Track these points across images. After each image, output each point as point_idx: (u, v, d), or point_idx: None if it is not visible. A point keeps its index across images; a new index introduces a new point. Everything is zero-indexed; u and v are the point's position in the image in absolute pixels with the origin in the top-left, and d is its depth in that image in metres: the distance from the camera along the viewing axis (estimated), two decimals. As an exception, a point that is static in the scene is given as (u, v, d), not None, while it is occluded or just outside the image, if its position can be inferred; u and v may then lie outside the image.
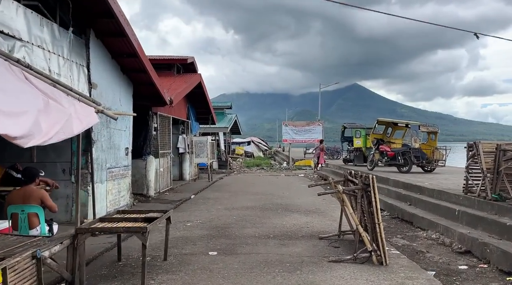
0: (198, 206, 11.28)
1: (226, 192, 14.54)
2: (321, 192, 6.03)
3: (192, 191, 14.69)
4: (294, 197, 13.24)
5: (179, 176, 18.20)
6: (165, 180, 14.31)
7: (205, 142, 18.42)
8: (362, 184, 5.84)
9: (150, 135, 12.76)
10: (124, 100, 9.93)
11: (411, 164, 13.94)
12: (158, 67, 15.76)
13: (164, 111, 14.14)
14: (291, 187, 16.29)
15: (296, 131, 27.93)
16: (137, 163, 12.62)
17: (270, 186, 16.64)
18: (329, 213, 10.19)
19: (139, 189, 12.62)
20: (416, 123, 14.21)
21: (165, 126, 14.42)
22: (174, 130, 17.99)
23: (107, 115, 5.54)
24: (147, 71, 9.78)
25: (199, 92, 17.93)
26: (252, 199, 12.71)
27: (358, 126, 19.62)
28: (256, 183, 18.04)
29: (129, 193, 10.48)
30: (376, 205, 5.66)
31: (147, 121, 12.69)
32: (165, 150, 14.30)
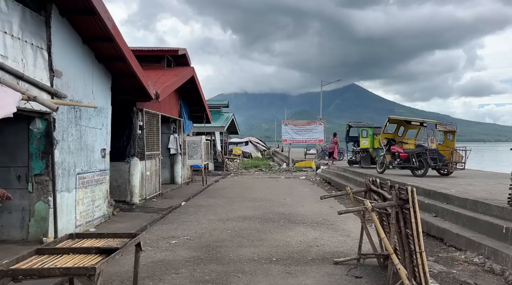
0: (187, 216, 9.79)
1: (221, 198, 13.05)
2: (342, 211, 4.55)
3: (183, 196, 13.20)
4: (297, 204, 11.77)
5: (171, 180, 16.71)
6: (152, 185, 12.82)
7: (198, 142, 16.93)
8: (397, 199, 4.37)
9: (135, 134, 11.27)
10: (99, 92, 8.43)
11: (427, 167, 12.49)
12: (146, 59, 14.29)
13: (152, 108, 12.65)
14: (293, 192, 14.82)
15: (296, 130, 26.46)
16: (120, 166, 11.13)
17: (269, 191, 15.16)
18: (339, 225, 8.72)
19: (121, 195, 11.13)
20: (433, 121, 12.76)
21: (153, 124, 12.93)
22: (165, 129, 16.52)
23: (42, 104, 4.04)
24: (126, 59, 8.29)
25: (192, 88, 16.45)
26: (250, 207, 11.23)
27: (365, 125, 18.16)
28: (254, 187, 16.56)
29: (106, 201, 8.99)
30: (417, 228, 4.19)
31: (131, 119, 11.20)
32: (153, 151, 12.80)
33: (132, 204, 11.05)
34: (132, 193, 11.12)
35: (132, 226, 8.38)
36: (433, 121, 12.82)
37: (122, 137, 11.17)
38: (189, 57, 15.58)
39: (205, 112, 18.45)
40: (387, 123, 13.85)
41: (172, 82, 12.31)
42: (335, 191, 15.39)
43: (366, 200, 4.37)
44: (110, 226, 8.37)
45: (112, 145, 10.91)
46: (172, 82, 12.33)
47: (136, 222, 8.85)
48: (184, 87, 16.26)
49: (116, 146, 11.11)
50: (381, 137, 14.03)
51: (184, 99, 17.21)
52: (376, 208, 4.44)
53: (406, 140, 14.12)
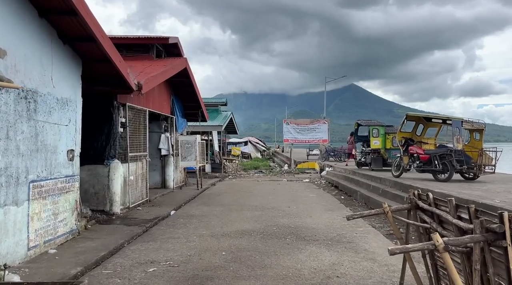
0: (175, 231, 8.18)
1: (216, 206, 11.45)
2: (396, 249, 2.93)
3: (174, 204, 11.60)
4: (304, 213, 10.17)
5: (162, 183, 15.10)
6: (138, 191, 11.21)
7: (193, 142, 15.33)
8: (484, 231, 2.76)
9: (115, 133, 9.67)
10: (62, 80, 6.82)
11: (452, 170, 10.91)
12: (132, 48, 12.73)
13: (137, 103, 11.05)
14: (298, 198, 13.21)
15: (298, 130, 24.88)
16: (97, 169, 9.54)
17: (271, 196, 13.56)
18: (359, 243, 7.13)
19: (99, 204, 9.53)
20: (459, 118, 11.16)
21: (139, 122, 11.33)
22: (155, 128, 14.92)
23: None
24: (96, 39, 6.69)
25: (186, 82, 14.85)
26: (250, 217, 9.63)
27: (376, 123, 16.54)
28: (254, 192, 14.96)
29: (75, 214, 7.38)
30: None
31: (111, 114, 9.60)
32: (139, 151, 11.20)
33: (111, 214, 9.45)
34: (112, 201, 9.52)
35: (104, 245, 6.78)
36: (459, 118, 11.23)
37: (100, 136, 9.58)
38: (181, 47, 13.98)
39: (201, 109, 16.84)
40: (405, 120, 12.25)
41: (160, 73, 10.71)
42: (344, 196, 13.81)
43: (436, 234, 2.76)
44: (77, 245, 6.76)
45: (87, 146, 9.33)
46: (160, 72, 10.73)
47: (111, 239, 7.24)
48: (177, 81, 14.68)
49: (93, 146, 9.53)
50: (397, 136, 12.44)
51: (177, 94, 15.61)
52: (452, 245, 2.82)
53: (426, 140, 12.53)
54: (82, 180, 9.45)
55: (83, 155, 9.35)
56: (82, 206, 9.33)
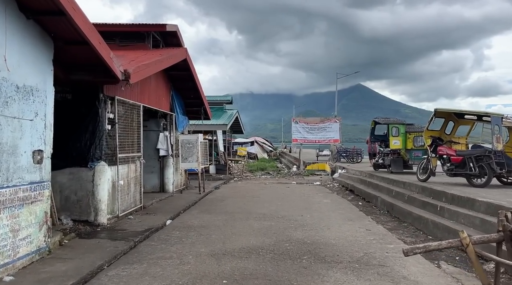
0: (167, 247, 6.82)
1: (219, 214, 10.08)
2: None
3: (171, 211, 10.26)
4: (320, 224, 8.77)
5: (160, 187, 13.78)
6: (130, 197, 9.87)
7: (194, 142, 13.99)
8: None
9: (101, 131, 8.33)
10: (26, 64, 5.49)
11: (491, 174, 9.44)
12: (126, 37, 11.42)
13: (130, 96, 9.73)
14: (311, 204, 11.80)
15: (308, 129, 23.46)
16: (80, 173, 8.22)
17: (281, 202, 12.17)
18: (394, 267, 5.70)
19: (82, 213, 8.20)
20: (499, 114, 9.67)
21: (132, 118, 10.00)
22: (153, 126, 13.63)
23: None
24: (65, 11, 5.34)
25: (186, 76, 13.52)
26: (257, 229, 8.24)
27: (396, 121, 15.07)
28: (262, 197, 13.57)
29: (44, 229, 6.04)
30: None
31: (96, 109, 8.26)
32: (131, 152, 9.87)
33: (96, 225, 8.12)
34: (97, 210, 8.19)
35: (78, 268, 5.44)
36: (499, 114, 9.74)
37: (83, 134, 8.25)
38: (181, 37, 12.63)
39: (203, 106, 15.49)
40: (433, 117, 10.77)
41: (153, 61, 9.36)
42: (362, 202, 12.38)
43: None
44: (43, 269, 5.42)
45: (69, 146, 8.04)
46: (153, 61, 9.38)
47: (88, 260, 5.89)
48: (176, 74, 13.37)
49: (76, 146, 8.22)
50: (424, 135, 10.99)
51: (177, 90, 14.28)
52: None
53: (456, 139, 11.05)
54: (63, 185, 8.16)
55: (63, 156, 8.05)
56: (63, 216, 8.04)
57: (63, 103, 8.22)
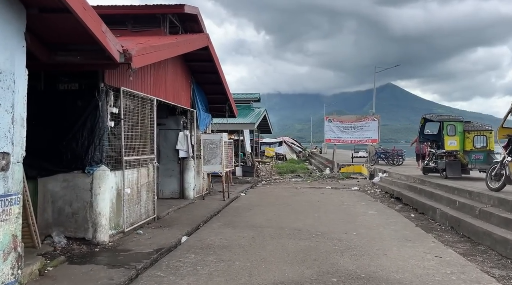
0: (177, 282, 5.18)
1: (245, 228, 8.41)
2: None
3: (189, 224, 8.70)
4: (372, 246, 6.94)
5: (180, 193, 12.27)
6: (141, 207, 8.35)
7: (218, 142, 12.40)
8: None
9: (102, 128, 6.83)
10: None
11: None
12: (139, 21, 9.94)
13: (140, 88, 8.22)
14: (354, 216, 9.97)
15: (343, 128, 21.50)
16: (76, 180, 6.74)
17: (317, 213, 10.38)
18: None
19: (78, 229, 6.71)
20: None
21: (144, 114, 8.49)
22: (172, 124, 12.17)
23: None
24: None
25: (209, 67, 11.95)
26: (293, 253, 6.50)
27: (452, 118, 12.96)
28: (294, 205, 11.82)
29: (11, 258, 4.53)
30: None
31: (96, 102, 6.76)
32: (142, 154, 8.35)
33: (95, 244, 6.61)
34: (96, 226, 6.68)
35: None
36: None
37: (79, 132, 6.76)
38: (202, 22, 11.05)
39: (228, 102, 13.89)
40: (511, 111, 8.69)
41: (166, 44, 7.79)
42: (414, 213, 10.45)
43: None
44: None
45: (62, 145, 6.58)
46: (166, 43, 7.82)
47: (67, 301, 4.35)
48: (198, 66, 11.86)
49: (70, 146, 6.74)
50: (498, 134, 8.94)
51: (199, 84, 12.75)
52: None
53: (539, 139, 8.92)
54: (55, 195, 6.70)
55: (56, 159, 6.62)
56: (55, 232, 6.59)
57: (54, 94, 6.79)
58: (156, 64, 9.23)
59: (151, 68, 8.96)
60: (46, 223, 6.70)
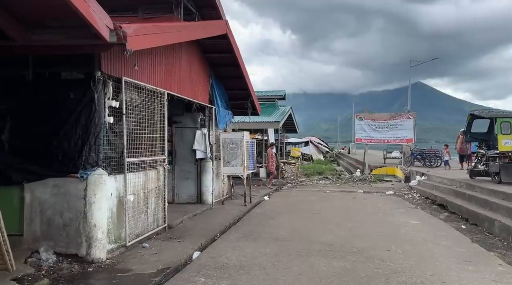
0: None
1: (267, 242, 7.22)
2: None
3: (204, 234, 7.60)
4: (423, 269, 5.61)
5: (197, 197, 11.22)
6: (149, 216, 7.30)
7: (239, 141, 11.27)
8: None
9: (99, 125, 5.80)
10: None
11: None
12: (151, 6, 8.94)
13: (148, 80, 7.19)
14: (394, 227, 8.60)
15: (375, 126, 19.97)
16: (67, 186, 5.73)
17: (351, 222, 9.08)
18: None
19: (70, 244, 5.70)
20: None
21: (152, 110, 7.46)
22: (189, 122, 11.18)
23: None
24: None
25: (229, 59, 10.84)
26: (326, 278, 5.25)
27: (506, 114, 11.35)
28: (323, 212, 10.54)
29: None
30: None
31: (92, 94, 5.73)
32: (151, 155, 7.31)
33: (89, 262, 5.58)
34: (90, 240, 5.64)
35: None
36: None
37: (72, 130, 5.76)
38: (221, 7, 9.93)
39: (250, 98, 12.73)
40: None
41: (172, 26, 6.71)
42: (465, 224, 9.01)
43: None
44: None
45: (53, 146, 5.60)
46: (173, 25, 6.73)
47: None
48: (217, 58, 10.81)
49: (62, 147, 5.77)
50: None
51: (219, 78, 11.66)
52: None
53: None
54: (44, 203, 5.73)
55: (45, 161, 5.64)
56: (43, 247, 5.62)
57: (44, 84, 5.81)
58: (167, 53, 8.20)
59: (161, 57, 7.92)
60: (33, 236, 5.73)
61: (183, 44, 9.02)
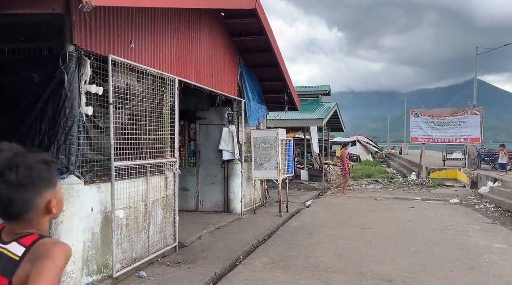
0: None
1: (301, 274, 5.45)
2: None
3: (222, 257, 5.98)
4: None
5: (224, 205, 9.65)
6: (149, 235, 5.78)
7: (272, 141, 9.58)
8: None
9: (71, 118, 4.31)
10: None
11: None
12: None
13: (152, 63, 5.67)
14: (474, 253, 6.50)
15: (434, 124, 17.47)
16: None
17: (414, 245, 7.07)
18: None
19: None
20: None
21: (159, 100, 5.94)
22: (214, 118, 9.65)
23: None
24: None
25: (261, 42, 9.15)
26: None
27: None
28: (376, 228, 8.56)
29: None
30: None
31: (60, 76, 4.25)
32: (153, 157, 5.79)
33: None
34: (58, 272, 4.15)
35: None
36: None
37: (35, 124, 4.31)
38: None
39: (287, 90, 10.95)
40: None
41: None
42: None
43: None
44: None
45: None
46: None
47: None
48: (246, 42, 9.19)
49: (24, 145, 4.22)
50: None
51: (250, 67, 10.01)
52: None
53: None
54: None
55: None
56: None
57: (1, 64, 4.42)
58: (181, 31, 6.67)
59: (172, 35, 6.40)
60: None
61: (202, 23, 7.47)
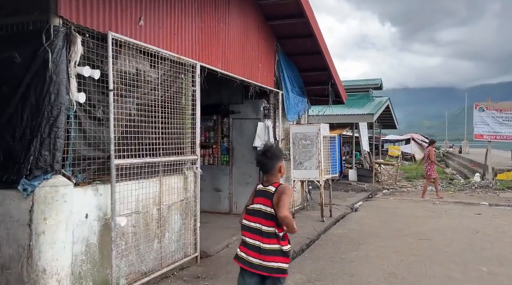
0: None
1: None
2: None
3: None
4: None
5: (260, 208, 8.68)
6: (166, 244, 4.98)
7: (314, 137, 8.51)
8: None
9: (57, 106, 3.57)
10: None
11: None
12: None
13: (169, 46, 4.87)
14: None
15: (502, 119, 15.45)
16: (6, 204, 3.58)
17: (485, 264, 5.73)
18: None
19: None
20: None
21: (177, 89, 5.12)
22: (249, 112, 8.79)
23: None
24: None
25: (300, 26, 8.11)
26: None
27: None
28: (435, 239, 7.22)
29: None
30: None
31: (44, 55, 3.53)
32: (167, 154, 4.98)
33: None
34: (40, 292, 3.44)
35: None
36: None
37: (16, 114, 3.62)
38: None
39: (331, 81, 9.80)
40: None
41: None
42: None
43: None
44: None
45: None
46: None
47: None
48: (284, 26, 8.20)
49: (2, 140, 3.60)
50: None
51: (289, 56, 9.01)
52: None
53: None
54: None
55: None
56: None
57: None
58: (205, 11, 5.84)
59: (194, 14, 5.58)
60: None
61: (231, 1, 6.59)
